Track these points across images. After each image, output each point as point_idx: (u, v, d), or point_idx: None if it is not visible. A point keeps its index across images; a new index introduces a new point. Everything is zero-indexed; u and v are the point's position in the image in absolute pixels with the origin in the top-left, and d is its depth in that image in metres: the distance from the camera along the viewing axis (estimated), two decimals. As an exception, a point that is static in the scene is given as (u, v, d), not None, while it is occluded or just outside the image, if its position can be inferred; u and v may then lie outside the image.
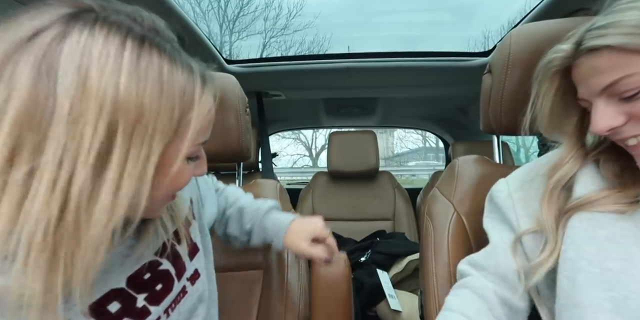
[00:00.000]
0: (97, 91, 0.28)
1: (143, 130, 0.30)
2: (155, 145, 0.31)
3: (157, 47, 0.31)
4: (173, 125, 0.32)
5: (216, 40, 1.34)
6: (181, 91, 0.32)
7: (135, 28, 0.31)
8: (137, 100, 0.29)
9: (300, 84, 1.67)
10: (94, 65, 0.28)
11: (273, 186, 0.88)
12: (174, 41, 0.35)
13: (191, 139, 0.33)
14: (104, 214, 0.29)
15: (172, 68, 0.31)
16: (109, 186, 0.29)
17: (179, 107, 0.32)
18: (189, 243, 0.51)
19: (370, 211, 1.89)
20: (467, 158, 0.76)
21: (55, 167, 0.27)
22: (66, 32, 0.28)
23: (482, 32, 1.57)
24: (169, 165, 0.33)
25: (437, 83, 1.63)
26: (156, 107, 0.30)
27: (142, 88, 0.29)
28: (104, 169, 0.29)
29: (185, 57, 0.34)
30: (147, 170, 0.31)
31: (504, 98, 0.68)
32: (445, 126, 2.39)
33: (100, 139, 0.28)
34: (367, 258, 1.47)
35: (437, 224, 0.71)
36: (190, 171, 0.38)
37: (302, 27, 1.61)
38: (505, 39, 0.68)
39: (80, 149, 0.28)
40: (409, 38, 1.75)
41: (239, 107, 0.81)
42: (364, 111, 2.19)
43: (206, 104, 0.35)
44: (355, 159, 1.90)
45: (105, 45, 0.29)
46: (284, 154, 11.34)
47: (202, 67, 0.36)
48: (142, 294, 0.42)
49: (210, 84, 0.36)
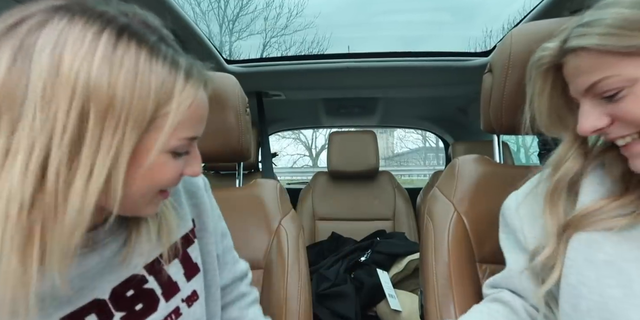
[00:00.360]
0: (69, 75, 0.29)
1: (115, 118, 0.30)
2: (128, 133, 0.31)
3: (137, 38, 0.32)
4: (147, 115, 0.32)
5: (216, 40, 1.34)
6: (159, 82, 0.32)
7: (118, 19, 0.32)
8: (109, 87, 0.30)
9: (300, 84, 1.67)
10: (68, 50, 0.29)
11: (273, 186, 0.88)
12: (166, 37, 0.35)
13: (169, 131, 0.34)
14: (78, 197, 0.30)
15: (151, 59, 0.32)
16: (83, 171, 0.30)
17: (154, 98, 0.32)
18: (186, 262, 0.50)
19: (370, 211, 1.89)
20: (467, 158, 0.76)
21: (28, 147, 0.28)
22: (46, 20, 0.30)
23: (482, 32, 1.56)
24: (145, 155, 0.34)
25: (437, 83, 1.62)
26: (129, 95, 0.31)
27: (115, 75, 0.30)
28: (78, 154, 0.30)
29: (174, 52, 0.35)
30: (120, 158, 0.31)
31: (504, 97, 0.68)
32: (445, 126, 2.39)
33: (73, 122, 0.29)
34: (367, 258, 1.47)
35: (437, 224, 0.71)
36: (176, 167, 0.38)
37: (303, 27, 1.61)
38: (506, 39, 0.67)
39: (54, 131, 0.29)
40: (409, 38, 1.75)
41: (239, 107, 0.81)
42: (364, 111, 2.19)
43: (188, 98, 0.35)
44: (355, 159, 1.90)
45: (82, 32, 0.30)
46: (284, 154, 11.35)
47: (193, 64, 0.37)
48: (121, 312, 0.41)
49: (196, 80, 0.36)
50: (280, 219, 0.83)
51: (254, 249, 0.80)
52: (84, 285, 0.38)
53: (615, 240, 0.41)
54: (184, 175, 0.41)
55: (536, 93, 0.48)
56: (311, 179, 2.04)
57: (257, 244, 0.81)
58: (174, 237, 0.47)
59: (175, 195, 0.52)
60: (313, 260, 1.56)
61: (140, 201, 0.38)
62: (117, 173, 0.32)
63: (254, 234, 0.81)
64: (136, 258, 0.43)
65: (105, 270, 0.40)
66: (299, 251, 0.81)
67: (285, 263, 0.78)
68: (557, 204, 0.47)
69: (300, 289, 0.76)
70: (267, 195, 0.86)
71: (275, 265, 0.79)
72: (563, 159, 0.48)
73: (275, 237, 0.81)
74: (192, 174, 0.41)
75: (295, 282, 0.76)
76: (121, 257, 0.42)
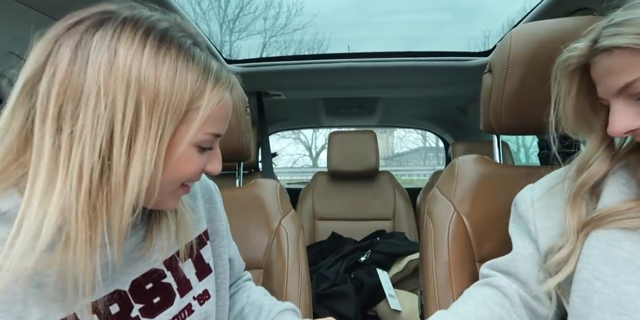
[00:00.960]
0: (124, 70, 0.33)
1: (160, 108, 0.34)
2: (168, 123, 0.35)
3: (177, 41, 0.36)
4: (184, 107, 0.36)
5: (216, 40, 1.34)
6: (194, 80, 0.36)
7: (161, 23, 0.37)
8: (156, 81, 0.34)
9: (300, 84, 1.67)
10: (121, 47, 0.33)
11: (273, 186, 0.88)
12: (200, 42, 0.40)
13: (199, 124, 0.37)
14: (136, 181, 0.34)
15: (188, 59, 0.36)
16: (139, 157, 0.34)
17: (190, 93, 0.36)
18: (199, 262, 0.53)
19: (370, 211, 1.89)
20: (467, 158, 0.76)
21: (91, 133, 0.32)
22: (102, 21, 0.34)
23: (482, 32, 1.56)
24: (177, 146, 0.37)
25: (437, 83, 1.62)
26: (170, 89, 0.35)
27: (159, 71, 0.34)
28: (135, 141, 0.34)
29: (207, 55, 0.39)
30: (161, 146, 0.35)
31: (504, 97, 0.68)
32: (445, 126, 2.39)
33: (130, 112, 0.33)
34: (367, 258, 1.47)
35: (437, 224, 0.71)
36: (200, 162, 0.41)
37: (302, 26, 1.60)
38: (506, 39, 0.68)
39: (114, 119, 0.33)
40: (409, 38, 1.75)
41: (239, 107, 0.81)
42: (364, 111, 2.19)
43: (217, 95, 0.38)
44: (355, 159, 1.90)
45: (132, 32, 0.34)
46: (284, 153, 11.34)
47: (223, 68, 0.41)
48: (139, 304, 0.43)
49: (224, 81, 0.40)
50: (280, 218, 0.83)
51: (254, 248, 0.80)
52: (106, 275, 0.40)
53: (635, 239, 0.41)
54: (206, 171, 0.44)
55: (562, 94, 0.47)
56: (311, 179, 2.04)
57: (257, 243, 0.81)
58: (190, 237, 0.50)
59: (193, 198, 0.56)
60: (313, 260, 1.56)
61: (165, 192, 0.40)
62: (160, 159, 0.35)
63: (254, 233, 0.82)
64: (156, 253, 0.46)
65: (126, 262, 0.42)
66: (299, 251, 0.81)
67: (285, 263, 0.78)
68: (579, 204, 0.47)
69: (300, 288, 0.76)
70: (267, 195, 0.86)
71: (275, 265, 0.79)
72: (588, 161, 0.47)
73: (275, 237, 0.81)
74: (212, 171, 0.44)
75: (295, 282, 0.76)
76: (141, 251, 0.44)
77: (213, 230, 0.58)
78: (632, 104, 0.39)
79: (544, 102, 0.66)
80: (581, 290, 0.42)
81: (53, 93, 0.32)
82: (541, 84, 0.65)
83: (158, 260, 0.46)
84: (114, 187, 0.34)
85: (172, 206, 0.44)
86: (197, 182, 0.58)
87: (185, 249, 0.49)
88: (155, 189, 0.36)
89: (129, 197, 0.34)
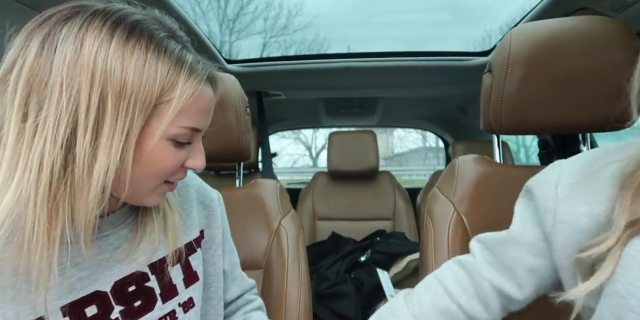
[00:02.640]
0: (89, 61, 0.33)
1: (127, 100, 0.34)
2: (137, 115, 0.35)
3: (148, 33, 0.36)
4: (153, 100, 0.35)
5: (216, 40, 1.33)
6: (164, 72, 0.36)
7: (133, 16, 0.36)
8: (123, 72, 0.34)
9: (300, 84, 1.67)
10: (88, 39, 0.33)
11: (273, 186, 0.88)
12: (178, 36, 0.40)
13: (171, 117, 0.37)
14: (102, 173, 0.34)
15: (159, 51, 0.36)
16: (104, 148, 0.34)
17: (160, 85, 0.35)
18: (187, 268, 0.51)
19: (370, 211, 1.90)
20: (467, 157, 0.76)
21: (54, 123, 0.32)
22: (71, 14, 0.34)
23: (482, 32, 1.56)
24: (149, 139, 0.36)
25: (437, 83, 1.63)
26: (138, 80, 0.34)
27: (127, 62, 0.34)
28: (100, 133, 0.33)
29: (182, 48, 0.39)
30: (130, 139, 0.35)
31: (504, 97, 0.68)
32: (445, 126, 2.39)
33: (95, 104, 0.33)
34: (367, 258, 1.47)
35: (437, 224, 0.71)
36: (176, 157, 0.40)
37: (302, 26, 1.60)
38: (505, 39, 0.68)
39: (79, 110, 0.33)
40: (409, 38, 1.75)
41: (239, 107, 0.81)
42: (364, 111, 2.19)
43: (191, 88, 0.38)
44: (355, 159, 1.90)
45: (100, 24, 0.34)
46: (284, 153, 11.33)
47: (200, 61, 0.40)
48: (120, 306, 0.42)
49: (200, 75, 0.39)
50: (280, 218, 0.83)
51: (254, 248, 0.80)
52: (83, 276, 0.40)
53: None
54: (187, 168, 0.43)
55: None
56: (311, 179, 2.04)
57: (257, 243, 0.81)
58: (179, 243, 0.49)
59: (186, 204, 0.54)
60: (313, 260, 1.56)
61: (144, 187, 0.40)
62: (128, 153, 0.35)
63: (254, 233, 0.82)
64: (140, 256, 0.45)
65: (107, 263, 0.42)
66: (298, 251, 0.81)
67: (285, 263, 0.78)
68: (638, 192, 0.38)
69: (300, 288, 0.76)
70: (267, 195, 0.86)
71: (275, 265, 0.79)
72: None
73: (275, 237, 0.81)
74: (193, 167, 0.42)
75: (295, 282, 0.76)
76: (124, 253, 0.43)
77: (209, 238, 0.57)
78: None
79: (544, 101, 0.67)
80: (614, 306, 0.37)
81: (20, 84, 0.32)
82: (541, 83, 0.65)
83: (142, 263, 0.45)
84: (77, 179, 0.33)
85: (154, 202, 0.43)
86: (192, 188, 0.57)
87: (174, 254, 0.48)
88: (126, 183, 0.36)
89: (94, 190, 0.34)
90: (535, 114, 0.67)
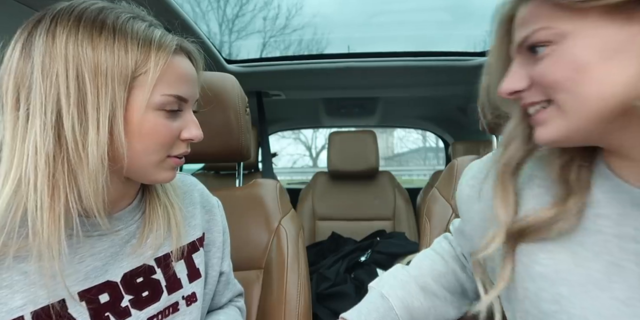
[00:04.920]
0: (60, 49, 0.36)
1: (104, 76, 0.37)
2: (117, 88, 0.38)
3: (114, 15, 0.39)
4: (129, 72, 0.39)
5: (215, 40, 1.34)
6: (135, 47, 0.39)
7: (94, 5, 0.40)
8: (94, 51, 0.37)
9: (300, 84, 1.67)
10: (57, 32, 0.37)
11: (273, 186, 0.88)
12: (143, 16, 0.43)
13: (151, 86, 0.40)
14: (94, 145, 0.37)
15: (127, 30, 0.39)
16: (92, 123, 0.37)
17: (132, 58, 0.39)
18: (190, 265, 0.54)
19: (370, 211, 1.90)
20: (467, 158, 0.76)
21: (41, 110, 0.36)
22: (40, 18, 0.38)
23: (482, 32, 1.56)
24: (136, 110, 0.40)
25: (437, 83, 1.63)
26: (111, 57, 0.38)
27: (96, 43, 0.37)
28: (85, 110, 0.37)
29: (149, 26, 0.42)
30: (116, 111, 0.38)
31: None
32: (445, 126, 2.40)
33: (73, 85, 0.36)
34: (367, 258, 1.47)
35: (435, 225, 0.71)
36: (169, 127, 0.42)
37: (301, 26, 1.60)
38: (505, 39, 0.67)
39: (59, 94, 0.36)
40: (409, 38, 1.75)
41: (239, 107, 0.81)
42: (364, 111, 2.19)
43: (163, 58, 0.41)
44: (355, 159, 1.90)
45: (67, 15, 0.38)
46: (284, 153, 11.33)
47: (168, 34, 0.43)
48: (129, 295, 0.46)
49: (169, 45, 0.42)
50: (280, 218, 0.83)
51: (253, 248, 0.80)
52: (97, 266, 0.43)
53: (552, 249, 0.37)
54: (184, 139, 0.45)
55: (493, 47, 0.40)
56: (311, 179, 2.04)
57: (257, 243, 0.81)
58: (182, 240, 0.52)
59: (191, 206, 0.57)
60: (313, 260, 1.56)
61: (148, 163, 0.42)
62: (117, 125, 0.38)
63: (253, 233, 0.82)
64: (147, 250, 0.48)
65: (118, 256, 0.46)
66: (298, 251, 0.81)
67: (284, 263, 0.78)
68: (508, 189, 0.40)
69: (299, 288, 0.76)
70: (267, 195, 0.86)
71: (274, 265, 0.79)
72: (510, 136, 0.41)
73: (275, 236, 0.81)
74: (190, 137, 0.45)
75: (295, 281, 0.76)
76: (133, 248, 0.47)
77: (210, 241, 0.60)
78: (526, 63, 0.35)
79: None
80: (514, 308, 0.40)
81: (10, 84, 0.37)
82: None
83: (148, 257, 0.48)
84: (72, 155, 0.37)
85: (165, 178, 0.45)
86: (197, 193, 0.60)
87: (178, 251, 0.51)
88: (123, 154, 0.39)
89: (92, 163, 0.37)
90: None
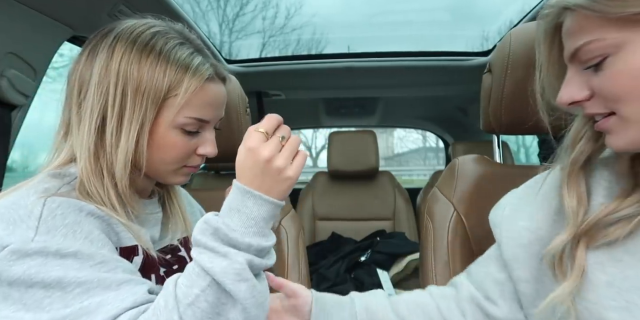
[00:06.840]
0: (115, 67, 0.44)
1: (142, 94, 0.44)
2: (149, 107, 0.45)
3: (163, 41, 0.46)
4: (162, 94, 0.45)
5: (215, 40, 1.34)
6: (172, 72, 0.45)
7: (152, 28, 0.47)
8: (138, 73, 0.44)
9: (300, 84, 1.67)
10: (115, 52, 0.45)
11: (273, 186, 0.88)
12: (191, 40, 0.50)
13: (177, 107, 0.46)
14: (124, 149, 0.45)
15: (169, 56, 0.46)
16: (125, 132, 0.44)
17: (167, 82, 0.45)
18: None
19: (370, 211, 1.90)
20: (467, 158, 0.76)
21: (90, 114, 0.44)
22: (107, 32, 0.47)
23: (481, 32, 1.56)
24: (160, 127, 0.46)
25: (437, 83, 1.63)
26: (150, 80, 0.44)
27: (142, 66, 0.45)
28: (122, 120, 0.44)
29: (192, 52, 0.48)
30: (144, 127, 0.45)
31: (504, 97, 0.68)
32: (445, 126, 2.40)
33: (119, 98, 0.44)
34: (367, 258, 1.47)
35: (437, 224, 0.71)
36: (185, 144, 0.48)
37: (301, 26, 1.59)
38: (505, 39, 0.68)
39: (107, 103, 0.44)
40: (409, 38, 1.75)
41: (239, 107, 0.81)
42: (364, 111, 2.19)
43: (194, 84, 0.46)
44: (355, 159, 1.90)
45: (125, 38, 0.45)
46: (284, 153, 11.26)
47: (207, 62, 0.49)
48: (163, 268, 0.53)
49: (204, 73, 0.47)
50: (280, 218, 0.83)
51: (254, 248, 0.80)
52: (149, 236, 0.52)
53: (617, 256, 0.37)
54: (199, 154, 0.51)
55: (544, 57, 0.42)
56: (311, 179, 2.04)
57: (257, 244, 0.81)
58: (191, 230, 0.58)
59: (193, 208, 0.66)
60: (313, 260, 1.56)
61: (164, 170, 0.50)
62: (142, 138, 0.45)
63: (254, 234, 0.81)
64: (171, 235, 0.56)
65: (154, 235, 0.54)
66: (298, 251, 0.81)
67: (285, 263, 0.78)
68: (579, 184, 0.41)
69: (300, 288, 0.76)
70: (267, 195, 0.86)
71: (275, 265, 0.78)
72: (578, 135, 0.42)
73: (275, 237, 0.81)
74: (204, 153, 0.51)
75: (295, 281, 0.76)
76: (160, 234, 0.55)
77: None
78: (583, 73, 0.36)
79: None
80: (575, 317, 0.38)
81: (76, 84, 0.46)
82: (541, 83, 0.65)
83: (174, 239, 0.57)
84: (108, 152, 0.45)
85: (177, 181, 0.53)
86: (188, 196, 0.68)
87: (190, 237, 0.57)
88: (143, 161, 0.46)
89: (121, 164, 0.45)
90: (535, 114, 0.67)
